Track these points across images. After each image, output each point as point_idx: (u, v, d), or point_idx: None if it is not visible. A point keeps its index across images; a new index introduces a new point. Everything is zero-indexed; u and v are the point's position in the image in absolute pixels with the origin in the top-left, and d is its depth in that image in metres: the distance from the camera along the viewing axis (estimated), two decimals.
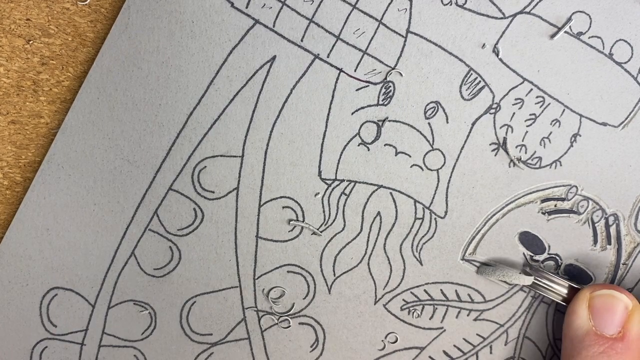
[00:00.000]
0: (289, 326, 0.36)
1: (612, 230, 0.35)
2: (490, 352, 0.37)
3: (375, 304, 0.36)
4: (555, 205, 0.35)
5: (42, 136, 0.33)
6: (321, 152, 0.33)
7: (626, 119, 0.33)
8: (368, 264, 0.35)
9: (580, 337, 0.32)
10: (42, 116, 0.32)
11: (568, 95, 0.33)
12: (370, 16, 0.32)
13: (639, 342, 0.32)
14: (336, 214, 0.34)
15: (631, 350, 0.32)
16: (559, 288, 0.35)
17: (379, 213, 0.35)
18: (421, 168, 0.34)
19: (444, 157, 0.34)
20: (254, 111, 0.32)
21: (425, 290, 0.36)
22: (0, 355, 0.35)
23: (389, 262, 0.35)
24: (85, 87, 0.32)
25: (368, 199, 0.34)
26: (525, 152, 0.34)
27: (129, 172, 0.33)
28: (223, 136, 0.33)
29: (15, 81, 0.32)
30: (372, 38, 0.32)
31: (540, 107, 0.33)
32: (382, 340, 0.37)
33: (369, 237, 0.35)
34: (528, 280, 0.34)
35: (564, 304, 0.35)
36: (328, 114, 0.33)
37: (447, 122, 0.33)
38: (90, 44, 0.32)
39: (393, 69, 0.32)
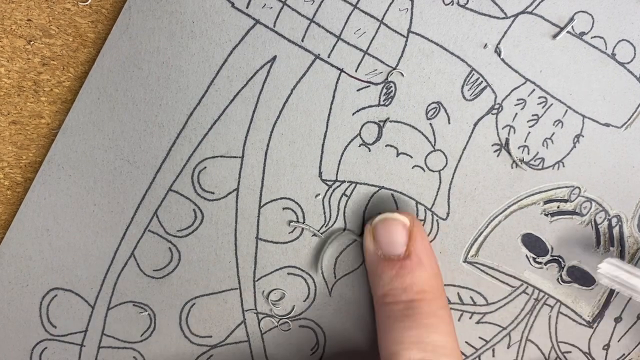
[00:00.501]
0: (289, 329, 0.36)
1: (615, 231, 0.35)
2: (493, 355, 0.37)
3: None
4: (558, 207, 0.34)
5: (43, 136, 0.33)
6: (322, 152, 0.33)
7: (629, 119, 0.33)
8: None
9: (374, 268, 0.33)
10: (43, 116, 0.32)
11: (571, 95, 0.33)
12: (372, 16, 0.31)
13: (427, 254, 0.32)
14: (337, 215, 0.34)
15: (421, 264, 0.32)
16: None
17: (380, 214, 0.34)
18: (423, 169, 0.34)
19: (446, 158, 0.34)
20: (254, 112, 0.32)
21: None
22: (0, 356, 0.35)
23: None
24: (86, 88, 0.32)
25: (369, 201, 0.34)
26: (528, 153, 0.34)
27: (129, 173, 0.33)
28: (223, 137, 0.33)
29: (16, 81, 0.32)
30: (373, 38, 0.32)
31: (543, 107, 0.33)
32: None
33: None
34: None
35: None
36: (329, 115, 0.33)
37: (449, 123, 0.33)
38: (91, 44, 0.32)
39: (394, 69, 0.32)
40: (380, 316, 0.32)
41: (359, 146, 0.33)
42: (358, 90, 0.32)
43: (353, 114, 0.33)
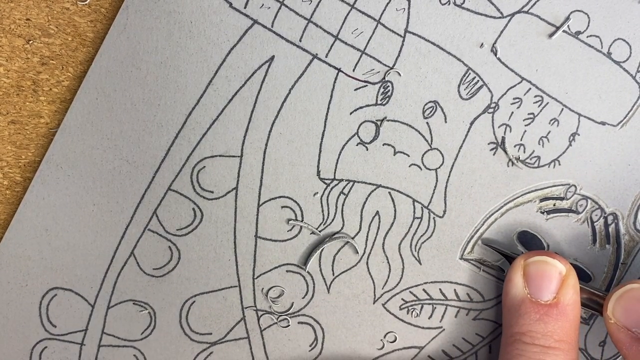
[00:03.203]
0: (288, 325, 0.36)
1: (611, 229, 0.35)
2: (490, 352, 0.37)
3: (374, 303, 0.36)
4: (554, 205, 0.35)
5: (42, 136, 0.33)
6: (320, 151, 0.33)
7: (625, 118, 0.33)
8: (367, 263, 0.35)
9: (517, 305, 0.33)
10: (42, 116, 0.33)
11: (566, 94, 0.33)
12: (369, 16, 0.32)
13: (574, 307, 0.32)
14: (335, 213, 0.34)
15: (566, 314, 0.32)
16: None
17: (377, 212, 0.35)
18: (420, 167, 0.34)
19: (443, 156, 0.34)
20: (252, 111, 0.32)
21: (424, 290, 0.36)
22: (0, 356, 0.35)
23: (388, 262, 0.35)
24: (84, 88, 0.32)
25: (367, 199, 0.34)
26: (524, 152, 0.34)
27: (128, 172, 0.33)
28: (222, 136, 0.33)
29: (15, 81, 0.32)
30: (370, 38, 0.32)
31: (539, 106, 0.33)
32: (381, 340, 0.37)
33: (367, 236, 0.35)
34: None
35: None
36: (327, 114, 0.33)
37: (446, 122, 0.33)
38: (90, 43, 0.32)
39: (391, 68, 0.32)
40: (511, 353, 0.32)
41: (357, 145, 0.33)
42: (355, 89, 0.33)
43: (351, 113, 0.33)
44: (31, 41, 0.31)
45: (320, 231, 0.35)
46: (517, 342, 0.32)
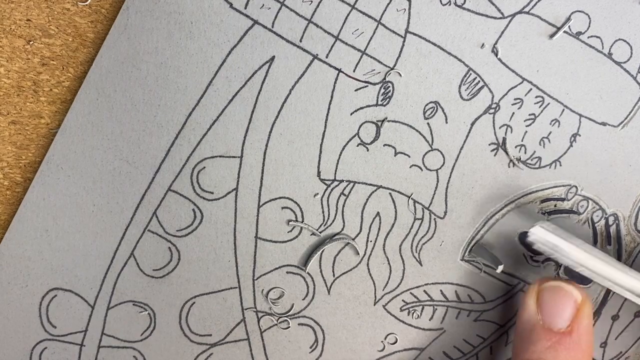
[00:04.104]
0: (289, 327, 0.36)
1: (612, 230, 0.35)
2: (490, 353, 0.37)
3: (374, 304, 0.36)
4: (555, 206, 0.35)
5: (42, 137, 0.33)
6: (320, 152, 0.33)
7: (626, 118, 0.33)
8: (367, 264, 0.35)
9: (529, 331, 0.32)
10: (42, 116, 0.33)
11: (567, 95, 0.33)
12: (369, 16, 0.32)
13: (588, 336, 0.31)
14: (335, 214, 0.34)
15: (579, 345, 0.31)
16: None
17: (378, 213, 0.35)
18: (420, 168, 0.34)
19: (443, 157, 0.34)
20: (252, 112, 0.32)
21: (424, 291, 0.36)
22: (0, 356, 0.35)
23: (389, 263, 0.35)
24: (84, 88, 0.32)
25: (367, 200, 0.34)
26: (525, 152, 0.34)
27: (128, 173, 0.33)
28: (222, 137, 0.33)
29: (15, 82, 0.32)
30: (371, 38, 0.32)
31: (540, 107, 0.33)
32: (382, 341, 0.37)
33: (368, 237, 0.35)
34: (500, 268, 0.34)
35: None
36: (327, 115, 0.33)
37: (446, 122, 0.33)
38: (90, 44, 0.32)
39: (392, 69, 0.32)
40: None
41: (357, 146, 0.33)
42: (356, 90, 0.33)
43: (351, 114, 0.33)
44: (32, 42, 0.31)
45: (320, 232, 0.35)
46: None
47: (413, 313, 0.36)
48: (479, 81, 0.33)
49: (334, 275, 0.35)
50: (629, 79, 0.33)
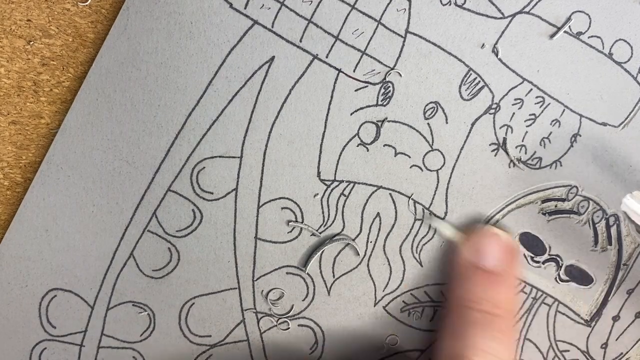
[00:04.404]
0: (288, 328, 0.36)
1: (613, 230, 0.35)
2: None
3: (375, 305, 0.36)
4: (555, 206, 0.35)
5: (42, 137, 0.33)
6: (320, 152, 0.33)
7: (626, 118, 0.33)
8: (368, 265, 0.35)
9: (464, 270, 0.33)
10: (42, 117, 0.33)
11: (568, 95, 0.33)
12: (369, 16, 0.32)
13: (514, 275, 0.34)
14: (335, 215, 0.34)
15: (508, 283, 0.33)
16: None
17: (378, 214, 0.34)
18: (421, 169, 0.34)
19: (444, 157, 0.34)
20: (252, 112, 0.32)
21: (425, 292, 0.36)
22: (0, 357, 0.35)
23: (389, 264, 0.35)
24: (84, 88, 0.32)
25: (367, 200, 0.34)
26: (525, 153, 0.34)
27: (128, 173, 0.33)
28: (222, 137, 0.33)
29: (15, 82, 0.32)
30: (371, 38, 0.32)
31: (540, 107, 0.33)
32: (382, 343, 0.37)
33: (368, 238, 0.35)
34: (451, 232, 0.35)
35: None
36: (327, 115, 0.33)
37: (447, 123, 0.33)
38: (90, 44, 0.32)
39: (392, 69, 0.32)
40: (454, 317, 0.33)
41: (357, 146, 0.33)
42: (356, 90, 0.33)
43: (351, 114, 0.33)
44: (32, 42, 0.31)
45: (320, 233, 0.34)
46: (460, 307, 0.33)
47: (414, 314, 0.36)
48: (480, 81, 0.33)
49: (334, 276, 0.35)
50: (630, 79, 0.33)
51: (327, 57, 0.32)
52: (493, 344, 0.31)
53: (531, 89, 0.33)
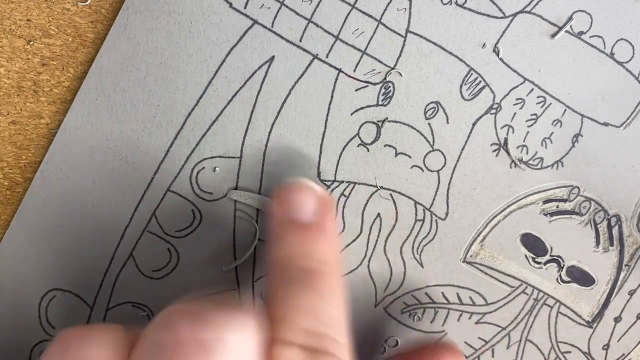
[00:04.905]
0: None
1: (615, 231, 0.35)
2: (492, 356, 0.37)
3: (375, 307, 0.36)
4: (557, 207, 0.34)
5: (42, 137, 0.33)
6: (320, 153, 0.33)
7: (628, 119, 0.33)
8: (368, 266, 0.35)
9: (277, 227, 0.30)
10: (42, 117, 0.33)
11: (569, 95, 0.33)
12: (370, 16, 0.31)
13: (332, 227, 0.30)
14: (335, 215, 0.34)
15: (326, 235, 0.30)
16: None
17: (378, 214, 0.34)
18: (421, 169, 0.34)
19: (445, 157, 0.34)
20: (252, 112, 0.32)
21: (426, 293, 0.36)
22: (0, 357, 0.35)
23: (389, 265, 0.35)
24: (84, 88, 0.32)
25: (368, 201, 0.34)
26: (527, 153, 0.34)
27: (127, 173, 0.33)
28: (221, 137, 0.33)
29: (15, 82, 0.32)
30: (371, 38, 0.32)
31: (542, 107, 0.33)
32: (383, 344, 0.37)
33: (368, 238, 0.35)
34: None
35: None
36: (327, 115, 0.33)
37: (448, 123, 0.33)
38: (90, 44, 0.32)
39: (392, 69, 0.32)
40: (273, 278, 0.29)
41: (358, 146, 0.33)
42: (356, 90, 0.32)
43: (351, 114, 0.33)
44: (32, 42, 0.31)
45: None
46: (278, 267, 0.29)
47: (414, 315, 0.36)
48: (481, 81, 0.32)
49: None
50: (631, 78, 0.33)
51: (327, 57, 0.32)
52: (318, 302, 0.28)
53: (532, 89, 0.33)
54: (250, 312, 0.26)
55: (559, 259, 0.35)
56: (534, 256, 0.35)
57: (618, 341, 0.37)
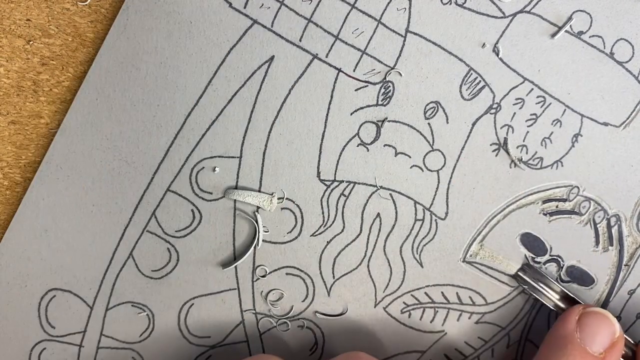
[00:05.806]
0: (288, 329, 0.36)
1: (614, 231, 0.35)
2: (492, 355, 0.37)
3: (375, 306, 0.36)
4: (556, 206, 0.34)
5: (42, 136, 0.33)
6: (320, 153, 0.33)
7: (627, 118, 0.33)
8: (368, 266, 0.35)
9: (563, 344, 0.32)
10: (42, 116, 0.33)
11: (569, 95, 0.33)
12: (369, 16, 0.31)
13: None
14: (335, 215, 0.34)
15: None
16: (552, 293, 0.34)
17: (378, 214, 0.34)
18: (421, 169, 0.34)
19: (444, 157, 0.34)
20: (252, 112, 0.32)
21: (425, 293, 0.36)
22: (0, 357, 0.35)
23: (389, 264, 0.35)
24: (84, 88, 0.32)
25: (367, 200, 0.34)
26: (526, 153, 0.33)
27: (127, 173, 0.33)
28: (221, 137, 0.33)
29: (15, 81, 0.32)
30: (371, 38, 0.32)
31: (541, 107, 0.33)
32: (383, 344, 0.37)
33: (368, 238, 0.35)
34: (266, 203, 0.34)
35: (554, 309, 0.35)
36: (327, 115, 0.33)
37: (447, 122, 0.33)
38: (90, 44, 0.32)
39: (392, 68, 0.32)
40: None
41: (357, 146, 0.33)
42: (356, 90, 0.32)
43: (351, 114, 0.33)
44: (31, 41, 0.31)
45: (320, 233, 0.34)
46: None
47: (414, 315, 0.36)
48: (480, 81, 0.32)
49: (334, 277, 0.35)
50: (631, 78, 0.33)
51: (327, 57, 0.32)
52: None
53: (532, 89, 0.33)
54: None
55: (559, 259, 0.35)
56: (533, 256, 0.35)
57: None
